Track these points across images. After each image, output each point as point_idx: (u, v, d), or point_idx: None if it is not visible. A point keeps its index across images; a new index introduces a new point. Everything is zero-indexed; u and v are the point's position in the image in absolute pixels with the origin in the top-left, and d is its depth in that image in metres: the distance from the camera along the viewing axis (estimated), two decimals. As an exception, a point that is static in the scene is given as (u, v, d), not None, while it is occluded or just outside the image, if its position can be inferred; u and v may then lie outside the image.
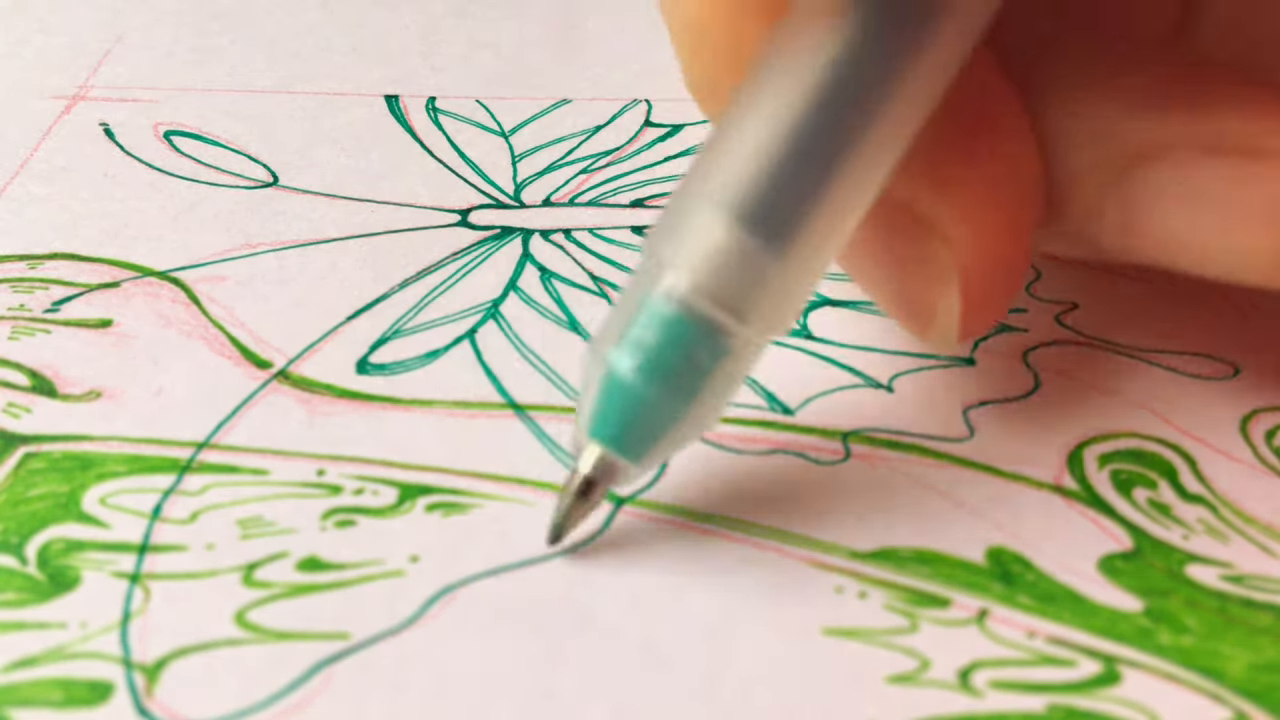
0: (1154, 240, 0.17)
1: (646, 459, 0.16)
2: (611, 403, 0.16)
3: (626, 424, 0.16)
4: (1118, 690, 0.15)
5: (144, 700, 0.15)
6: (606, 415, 0.16)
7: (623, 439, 0.16)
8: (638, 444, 0.16)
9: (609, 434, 0.16)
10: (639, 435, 0.16)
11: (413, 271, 0.22)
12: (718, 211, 0.15)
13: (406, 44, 0.29)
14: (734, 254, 0.15)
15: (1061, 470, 0.18)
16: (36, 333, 0.20)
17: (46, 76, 0.27)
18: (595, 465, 0.16)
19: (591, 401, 0.16)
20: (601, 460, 0.16)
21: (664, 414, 0.16)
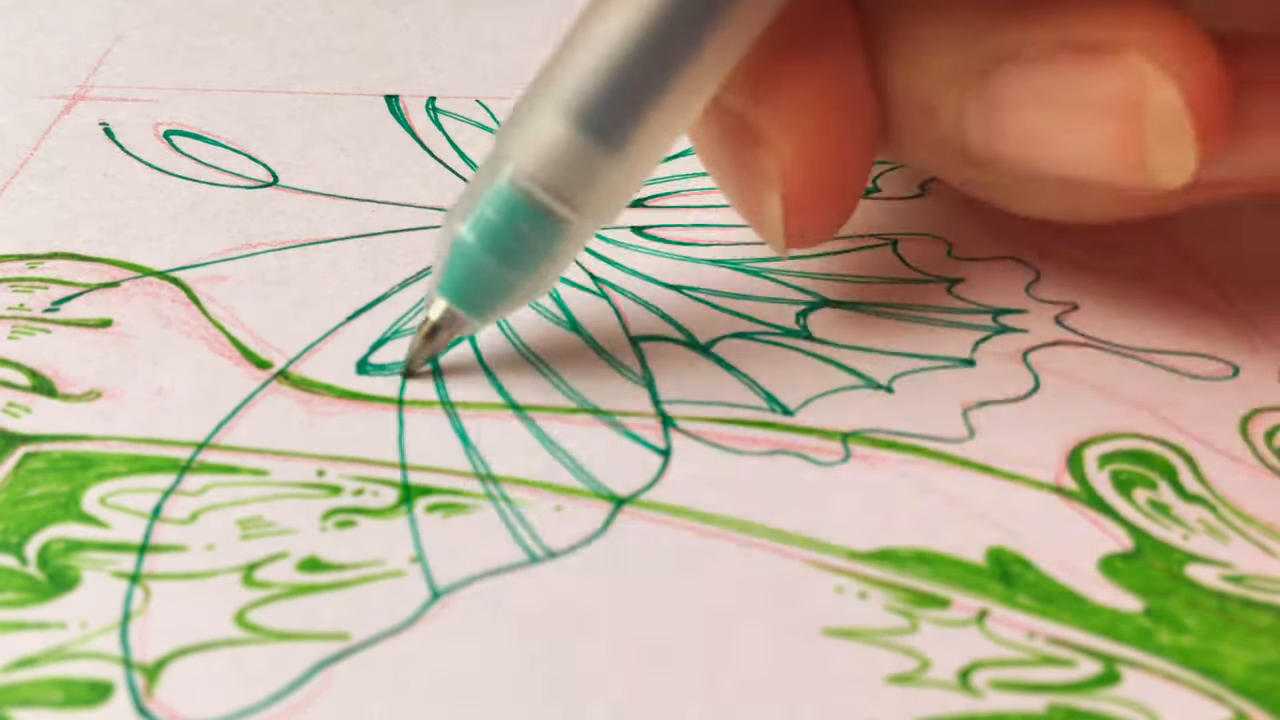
0: (1014, 141, 0.18)
1: (484, 316, 0.19)
2: (456, 266, 0.18)
3: (468, 285, 0.18)
4: (1118, 690, 0.15)
5: (144, 700, 0.15)
6: (452, 275, 0.18)
7: (464, 297, 0.19)
8: (477, 303, 0.19)
9: (453, 292, 0.19)
10: (478, 296, 0.18)
11: (413, 271, 0.22)
12: (557, 112, 0.17)
13: (406, 44, 0.29)
14: (568, 150, 0.17)
15: (1061, 470, 0.18)
16: (36, 332, 0.20)
17: (46, 76, 0.27)
18: (442, 315, 0.19)
19: (442, 262, 0.18)
20: (448, 311, 0.19)
21: (500, 281, 0.18)
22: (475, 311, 0.19)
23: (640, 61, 0.17)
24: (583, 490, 0.18)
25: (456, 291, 0.18)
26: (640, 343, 0.20)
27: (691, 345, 0.20)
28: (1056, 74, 0.17)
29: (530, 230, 0.18)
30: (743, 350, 0.20)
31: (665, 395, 0.19)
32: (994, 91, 0.18)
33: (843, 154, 0.19)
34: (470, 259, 0.18)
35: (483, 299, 0.19)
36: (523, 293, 0.18)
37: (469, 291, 0.18)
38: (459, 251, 0.18)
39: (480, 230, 0.18)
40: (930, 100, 0.18)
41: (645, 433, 0.18)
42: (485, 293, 0.18)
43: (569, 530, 0.17)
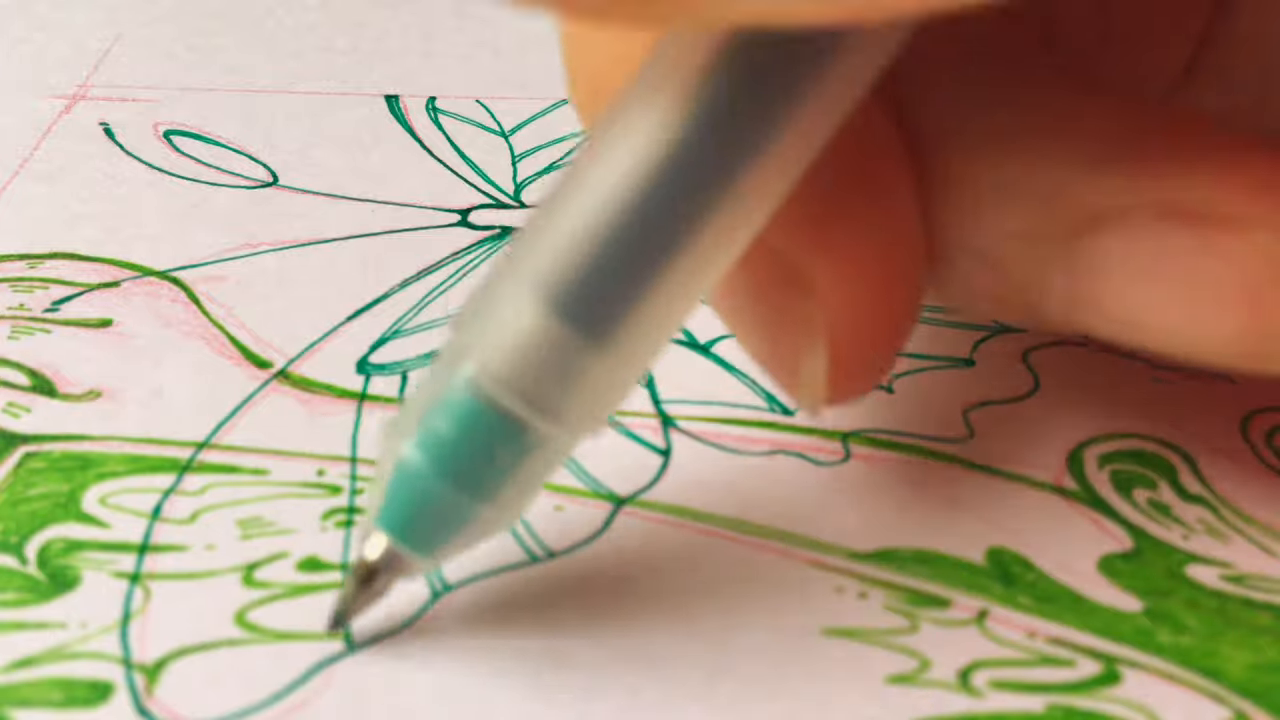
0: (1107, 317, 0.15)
1: (436, 555, 0.15)
2: (399, 493, 0.14)
3: (415, 517, 0.14)
4: (1118, 690, 0.15)
5: (144, 700, 0.15)
6: (394, 505, 0.14)
7: (410, 533, 0.14)
8: (427, 539, 0.14)
9: (396, 526, 0.14)
10: (428, 531, 0.14)
11: (413, 271, 0.22)
12: (530, 294, 0.13)
13: (406, 44, 0.29)
14: (544, 344, 0.13)
15: (1061, 470, 0.18)
16: (36, 332, 0.20)
17: (46, 76, 0.27)
18: (381, 554, 0.15)
19: (382, 486, 0.14)
20: (389, 550, 0.15)
21: (456, 512, 0.14)
22: (424, 549, 0.15)
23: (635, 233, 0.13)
24: (583, 490, 0.18)
25: (400, 526, 0.14)
26: (640, 343, 0.20)
27: (691, 345, 0.20)
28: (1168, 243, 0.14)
29: (496, 446, 0.14)
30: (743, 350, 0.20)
31: (665, 395, 0.19)
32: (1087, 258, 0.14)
33: (893, 305, 0.16)
34: (417, 485, 0.14)
35: (433, 535, 0.14)
36: (484, 527, 0.14)
37: (416, 526, 0.14)
38: (403, 476, 0.14)
39: (430, 448, 0.14)
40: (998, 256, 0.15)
41: (645, 433, 0.18)
42: (437, 527, 0.14)
43: (569, 530, 0.17)
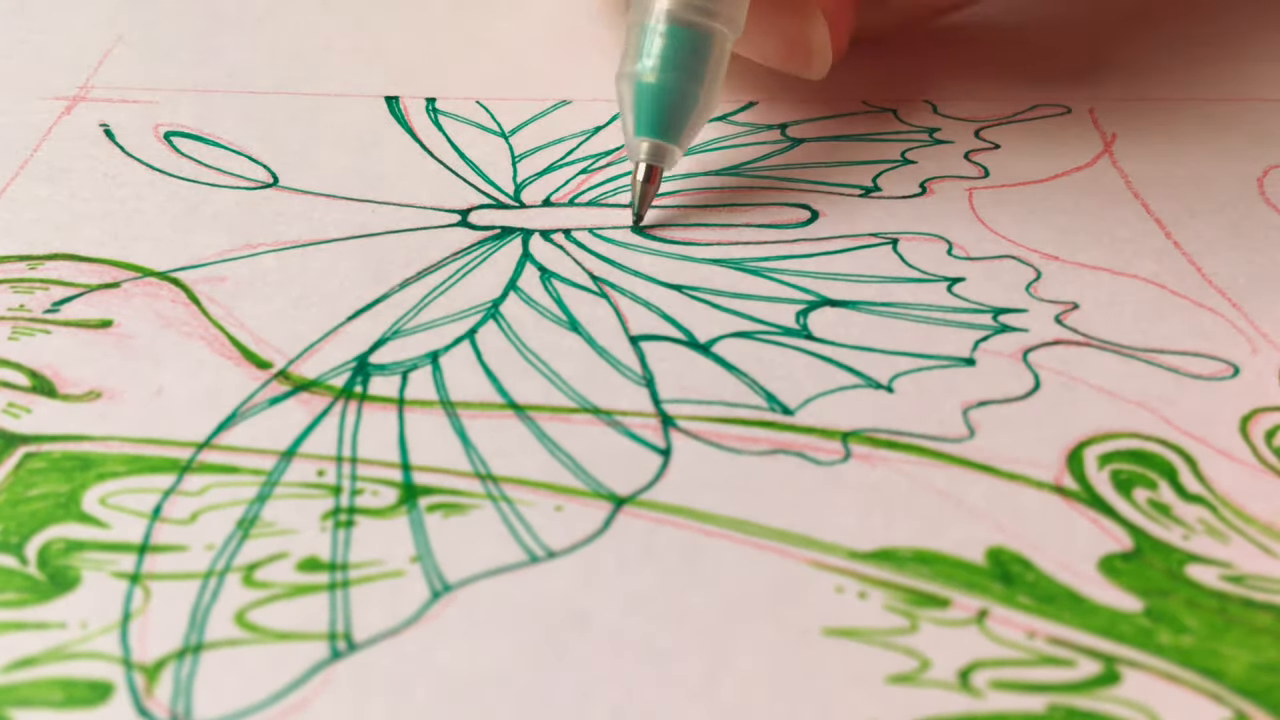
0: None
1: (682, 138, 0.22)
2: (645, 104, 0.22)
3: (661, 115, 0.22)
4: (1118, 690, 0.15)
5: (144, 700, 0.15)
6: (644, 112, 0.22)
7: (661, 128, 0.22)
8: (675, 127, 0.22)
9: (650, 127, 0.22)
10: (672, 120, 0.22)
11: (413, 271, 0.22)
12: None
13: (406, 44, 0.29)
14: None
15: (1061, 470, 0.18)
16: (36, 333, 0.20)
17: (47, 77, 0.27)
18: (648, 153, 0.22)
19: (630, 110, 0.22)
20: (651, 147, 0.22)
21: (686, 99, 0.22)
22: (674, 136, 0.22)
23: None
24: (583, 490, 0.18)
25: (653, 126, 0.22)
26: (640, 343, 0.20)
27: (691, 345, 0.20)
28: None
29: (694, 47, 0.22)
30: (743, 350, 0.20)
31: (665, 395, 0.19)
32: None
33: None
34: (656, 90, 0.22)
35: (676, 121, 0.22)
36: (705, 104, 0.22)
37: (663, 120, 0.22)
38: (644, 91, 0.22)
39: (656, 64, 0.22)
40: None
41: (645, 433, 0.18)
42: (677, 115, 0.22)
43: (569, 530, 0.17)
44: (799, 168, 0.25)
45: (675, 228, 0.23)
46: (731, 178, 0.24)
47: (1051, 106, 0.27)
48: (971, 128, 0.26)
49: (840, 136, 0.26)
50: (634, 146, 0.22)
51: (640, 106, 0.22)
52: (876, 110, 0.26)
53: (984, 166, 0.25)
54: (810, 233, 0.23)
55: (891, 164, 0.25)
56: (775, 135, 0.26)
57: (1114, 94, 0.27)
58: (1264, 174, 0.25)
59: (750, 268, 0.22)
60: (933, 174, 0.24)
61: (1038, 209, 0.24)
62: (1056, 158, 0.25)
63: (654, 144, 0.22)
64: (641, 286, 0.21)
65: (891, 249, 0.22)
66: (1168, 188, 0.24)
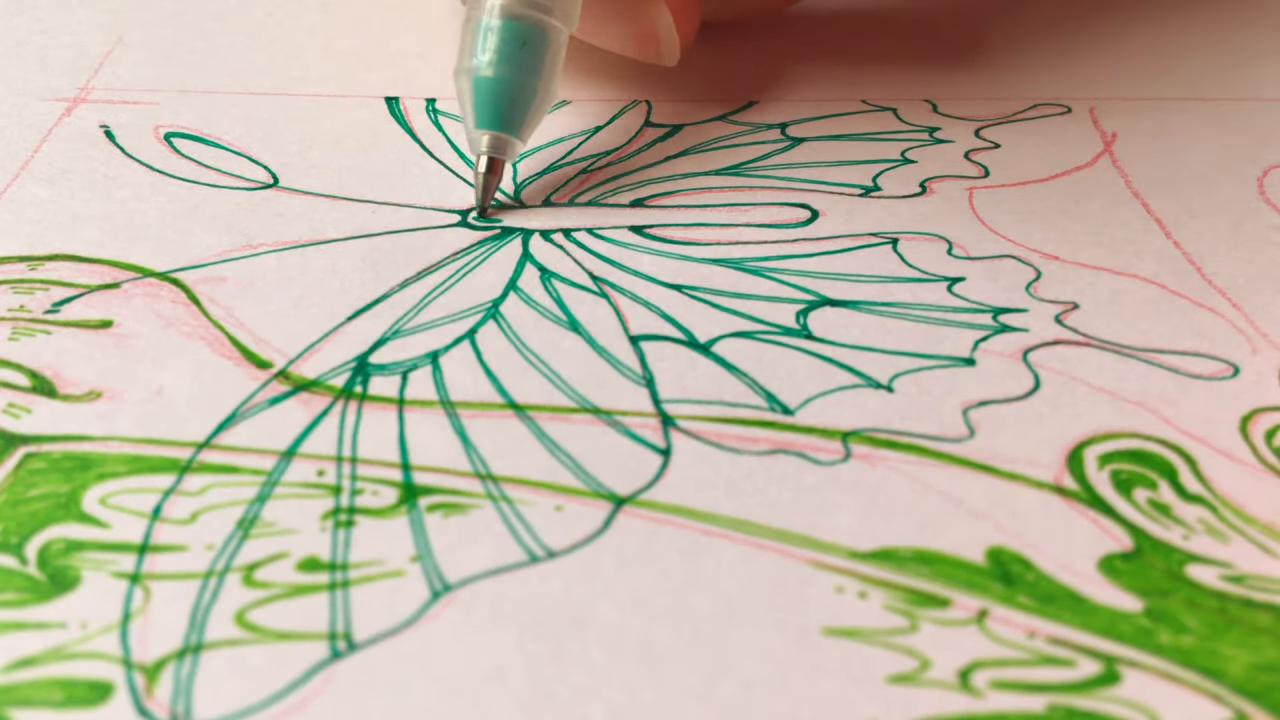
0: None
1: (522, 129, 0.22)
2: (483, 98, 0.22)
3: (499, 108, 0.22)
4: (1118, 690, 0.15)
5: (144, 700, 0.15)
6: (483, 105, 0.22)
7: (501, 120, 0.22)
8: (514, 119, 0.22)
9: (490, 119, 0.22)
10: (511, 113, 0.22)
11: (413, 271, 0.22)
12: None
13: (406, 45, 0.29)
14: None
15: (1061, 470, 0.18)
16: (37, 333, 0.20)
17: (47, 78, 0.27)
18: (489, 145, 0.22)
19: (470, 104, 0.22)
20: (493, 140, 0.22)
21: (523, 91, 0.22)
22: (514, 128, 0.22)
23: None
24: (583, 490, 0.18)
25: (493, 118, 0.22)
26: (640, 343, 0.20)
27: (691, 345, 0.20)
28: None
29: (529, 42, 0.22)
30: (743, 350, 0.20)
31: (665, 395, 0.19)
32: None
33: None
34: (493, 84, 0.22)
35: (515, 114, 0.22)
36: (544, 96, 0.22)
37: (502, 113, 0.22)
38: (481, 85, 0.22)
39: (491, 59, 0.22)
40: None
41: (645, 432, 0.18)
42: (516, 108, 0.22)
43: (569, 530, 0.17)
44: (799, 168, 0.25)
45: (675, 228, 0.23)
46: (731, 178, 0.24)
47: (1051, 105, 0.27)
48: (971, 127, 0.26)
49: (840, 136, 0.26)
50: (475, 139, 0.22)
51: (479, 100, 0.22)
52: (876, 110, 0.26)
53: (984, 166, 0.25)
54: (810, 233, 0.23)
55: (891, 163, 0.25)
56: (775, 135, 0.26)
57: (1114, 94, 0.27)
58: (1264, 174, 0.25)
59: (750, 268, 0.22)
60: (933, 173, 0.24)
61: (1038, 209, 0.24)
62: (1056, 158, 0.25)
63: (494, 136, 0.22)
64: (641, 286, 0.21)
65: (891, 249, 0.22)
66: (1168, 188, 0.24)
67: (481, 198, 0.23)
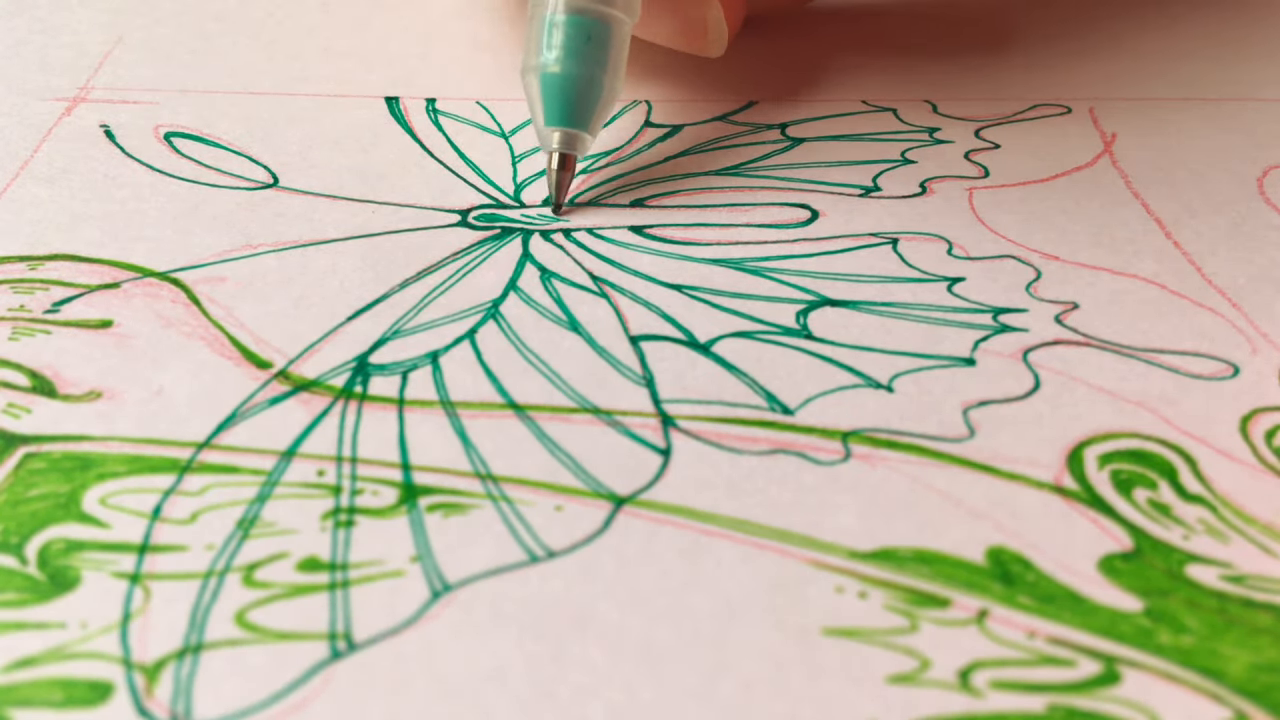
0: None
1: (592, 124, 0.23)
2: (551, 95, 0.22)
3: (569, 104, 0.22)
4: (1118, 690, 0.15)
5: (144, 700, 0.15)
6: (551, 102, 0.22)
7: (571, 116, 0.22)
8: (584, 114, 0.22)
9: (560, 116, 0.22)
10: (580, 108, 0.22)
11: (413, 271, 0.22)
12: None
13: (406, 45, 0.29)
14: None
15: (1061, 470, 0.18)
16: (37, 333, 0.20)
17: (47, 78, 0.27)
18: (561, 141, 0.23)
19: (538, 101, 0.23)
20: (564, 136, 0.23)
21: (589, 84, 0.22)
22: (584, 123, 0.22)
23: None
24: (583, 490, 0.18)
25: (563, 115, 0.22)
26: (640, 343, 0.20)
27: (691, 345, 0.20)
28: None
29: (594, 36, 0.22)
30: (743, 350, 0.20)
31: (665, 395, 0.19)
32: None
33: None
34: (561, 81, 0.22)
35: (584, 109, 0.22)
36: (611, 90, 0.23)
37: (571, 109, 0.22)
38: (549, 83, 0.22)
39: (558, 55, 0.22)
40: None
41: (645, 432, 0.18)
42: (584, 102, 0.22)
43: (569, 530, 0.17)
44: (799, 168, 0.25)
45: (675, 228, 0.23)
46: (731, 178, 0.24)
47: (1051, 106, 0.27)
48: (972, 127, 0.26)
49: (840, 136, 0.26)
50: (545, 137, 0.23)
51: (548, 97, 0.22)
52: (876, 110, 0.26)
53: (984, 166, 0.25)
54: (810, 233, 0.23)
55: (891, 164, 0.25)
56: (775, 135, 0.26)
57: (1114, 94, 0.27)
58: (1264, 174, 0.25)
59: (750, 268, 0.22)
60: (933, 174, 0.24)
61: (1038, 209, 0.24)
62: (1056, 158, 0.25)
63: (565, 132, 0.22)
64: (641, 286, 0.21)
65: (891, 249, 0.22)
66: (1168, 188, 0.24)
67: (556, 194, 0.23)
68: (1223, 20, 0.30)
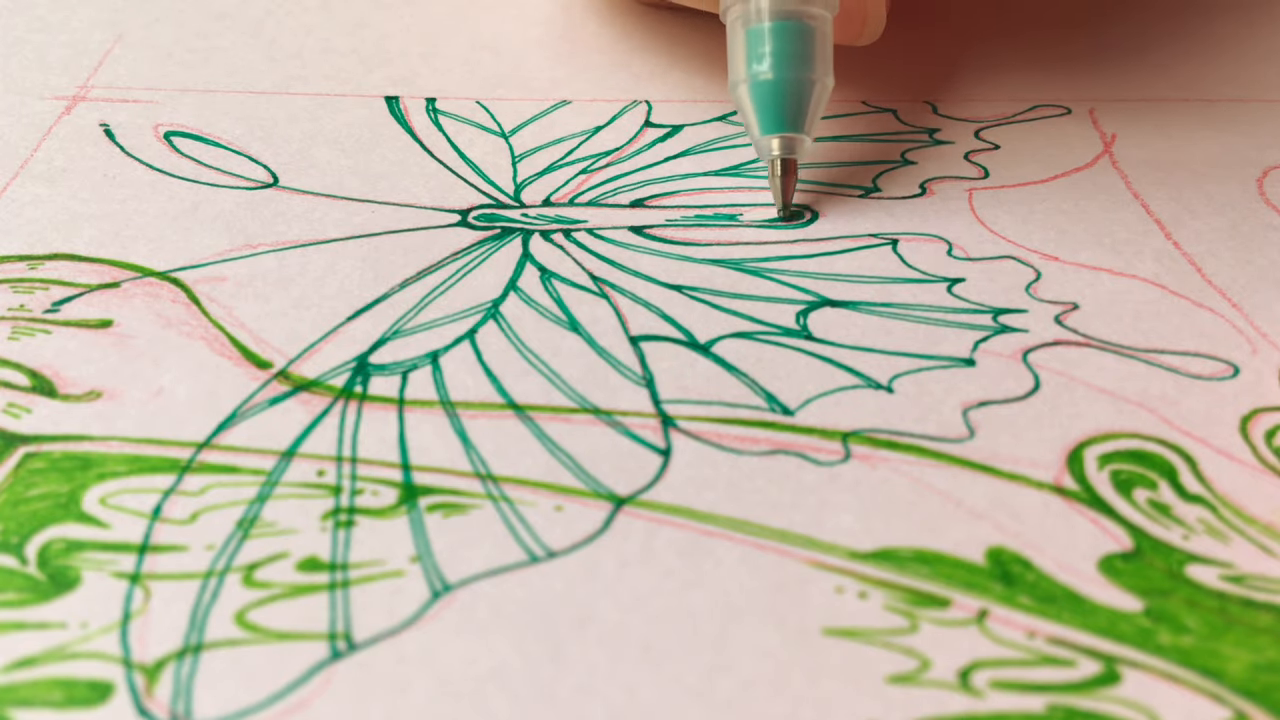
0: None
1: (808, 125, 0.23)
2: (765, 102, 0.22)
3: (783, 109, 0.22)
4: (1118, 690, 0.15)
5: (144, 700, 0.15)
6: (765, 110, 0.22)
7: (787, 120, 0.22)
8: (798, 117, 0.22)
9: (775, 123, 0.22)
10: (794, 111, 0.22)
11: (413, 271, 0.22)
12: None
13: (406, 45, 0.29)
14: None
15: (1061, 470, 0.18)
16: (36, 333, 0.20)
17: (47, 77, 0.27)
18: (781, 148, 0.22)
19: (752, 113, 0.22)
20: (783, 141, 0.22)
21: (803, 88, 0.22)
22: (799, 125, 0.22)
23: None
24: (583, 490, 0.18)
25: (778, 121, 0.22)
26: (640, 343, 0.20)
27: (691, 345, 0.20)
28: None
29: (801, 38, 0.22)
30: (743, 350, 0.20)
31: (665, 395, 0.19)
32: None
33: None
34: (773, 86, 0.22)
35: (799, 112, 0.22)
36: (821, 87, 0.22)
37: (786, 114, 0.22)
38: (761, 90, 0.22)
39: (768, 63, 0.22)
40: None
41: (645, 433, 0.19)
42: (798, 106, 0.22)
43: (569, 530, 0.17)
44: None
45: (675, 228, 0.23)
46: (731, 178, 0.24)
47: (1051, 106, 0.27)
48: (971, 128, 0.26)
49: (840, 136, 0.26)
50: (764, 146, 0.23)
51: (761, 106, 0.22)
52: (876, 110, 0.26)
53: (984, 167, 0.25)
54: (810, 233, 0.23)
55: (891, 164, 0.25)
56: (775, 135, 0.26)
57: (1114, 94, 0.27)
58: (1264, 174, 0.25)
59: (750, 268, 0.22)
60: (933, 174, 0.24)
61: (1038, 209, 0.24)
62: (1056, 158, 0.25)
63: (784, 138, 0.22)
64: (641, 286, 0.21)
65: (891, 249, 0.22)
66: (1168, 188, 0.24)
67: (783, 199, 0.23)
68: (1223, 20, 0.30)
